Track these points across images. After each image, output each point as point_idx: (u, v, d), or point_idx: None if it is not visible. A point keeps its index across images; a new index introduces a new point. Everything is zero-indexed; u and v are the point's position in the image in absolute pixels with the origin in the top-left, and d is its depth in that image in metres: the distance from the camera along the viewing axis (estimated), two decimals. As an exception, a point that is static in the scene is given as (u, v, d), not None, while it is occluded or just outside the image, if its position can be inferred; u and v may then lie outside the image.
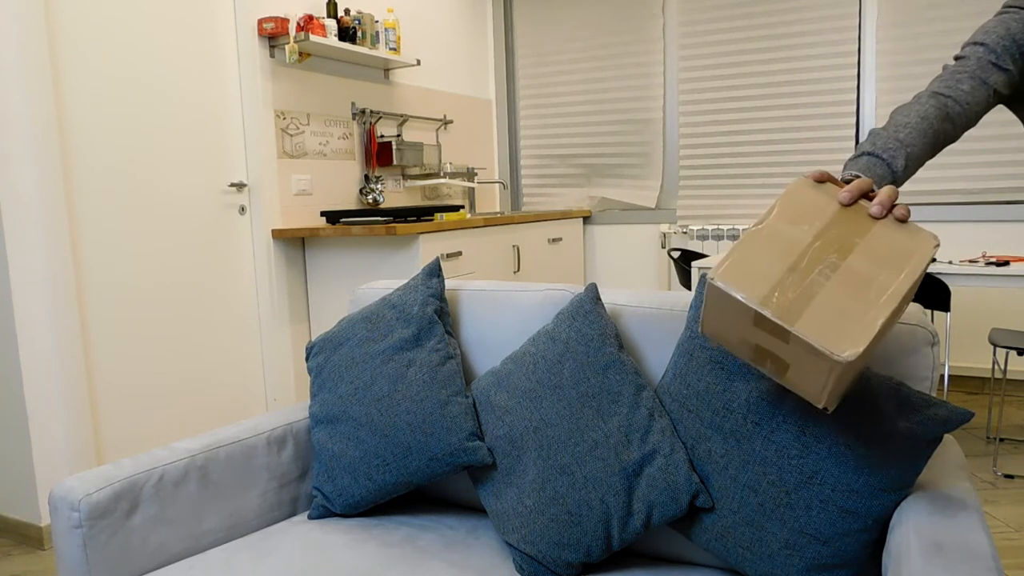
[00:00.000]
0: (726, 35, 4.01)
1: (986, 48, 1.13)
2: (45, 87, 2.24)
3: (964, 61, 1.15)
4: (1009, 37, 1.13)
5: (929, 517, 0.95)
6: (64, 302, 2.31)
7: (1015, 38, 1.13)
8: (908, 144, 1.06)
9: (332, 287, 3.12)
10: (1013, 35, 1.13)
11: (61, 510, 1.17)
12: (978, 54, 1.14)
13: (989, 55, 1.13)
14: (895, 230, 0.90)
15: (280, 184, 3.07)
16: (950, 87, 1.12)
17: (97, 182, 2.46)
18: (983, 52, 1.13)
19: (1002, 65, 1.13)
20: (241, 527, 1.38)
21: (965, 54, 1.15)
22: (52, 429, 2.30)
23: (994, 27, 1.15)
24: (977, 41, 1.15)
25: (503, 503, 1.22)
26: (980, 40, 1.14)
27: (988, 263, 2.59)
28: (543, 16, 4.51)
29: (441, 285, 1.46)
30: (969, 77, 1.12)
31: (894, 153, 1.05)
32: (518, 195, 4.79)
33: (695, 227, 4.13)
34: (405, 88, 3.83)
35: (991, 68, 1.13)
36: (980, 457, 2.81)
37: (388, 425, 1.31)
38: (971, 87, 1.12)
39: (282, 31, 2.93)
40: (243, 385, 3.02)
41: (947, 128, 1.10)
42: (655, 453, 1.13)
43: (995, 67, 1.13)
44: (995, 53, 1.12)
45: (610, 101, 4.39)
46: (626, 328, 1.30)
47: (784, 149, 3.93)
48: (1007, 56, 1.13)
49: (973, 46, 1.15)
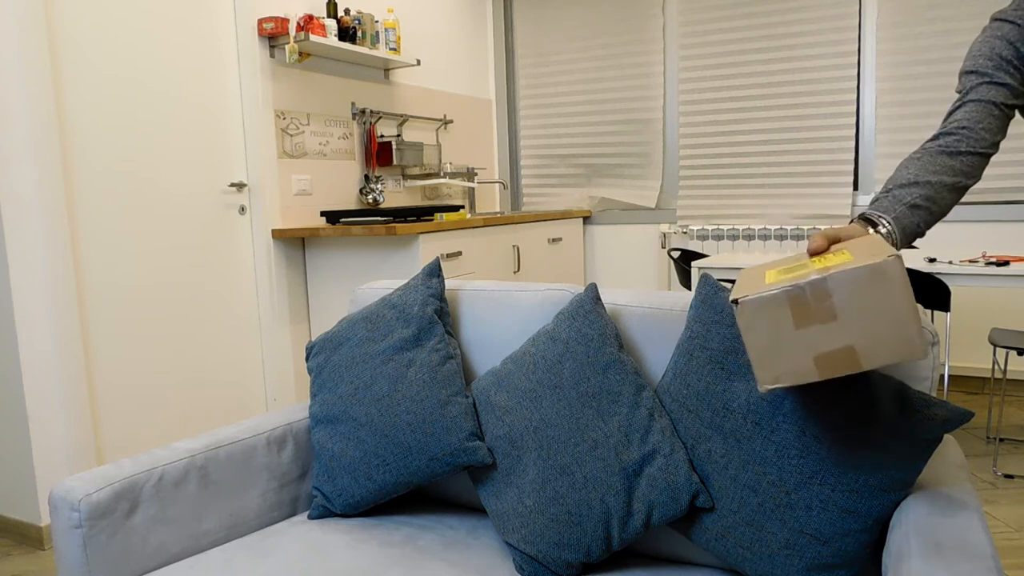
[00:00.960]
0: (726, 35, 4.01)
1: (976, 74, 1.15)
2: (45, 87, 2.24)
3: (960, 96, 1.17)
4: (995, 56, 1.14)
5: (929, 517, 0.96)
6: (64, 302, 2.31)
7: (1000, 54, 1.14)
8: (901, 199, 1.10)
9: (332, 287, 3.12)
10: (998, 52, 1.14)
11: (61, 510, 1.17)
12: (971, 82, 1.16)
13: (981, 79, 1.15)
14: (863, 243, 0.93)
15: (280, 184, 3.07)
16: (947, 124, 1.15)
17: (97, 182, 2.46)
18: (975, 79, 1.15)
19: (998, 81, 1.14)
20: (241, 527, 1.38)
21: (960, 86, 1.18)
22: (52, 429, 2.30)
23: (979, 50, 1.17)
24: (968, 70, 1.17)
25: (503, 503, 1.22)
26: (970, 68, 1.17)
27: (988, 263, 2.59)
28: (543, 16, 4.51)
29: (441, 285, 1.46)
30: (963, 104, 1.15)
31: (886, 209, 1.09)
32: (518, 195, 4.79)
33: (695, 227, 4.13)
34: (405, 88, 3.83)
35: (986, 88, 1.14)
36: (980, 457, 2.81)
37: (388, 425, 1.31)
38: (967, 111, 1.14)
39: (282, 31, 2.93)
40: (243, 385, 3.02)
41: (952, 164, 1.12)
42: (655, 453, 1.13)
43: (990, 85, 1.14)
44: (986, 75, 1.14)
45: (610, 101, 4.39)
46: (626, 328, 1.30)
47: (784, 149, 3.93)
48: (1000, 72, 1.14)
49: (966, 75, 1.17)
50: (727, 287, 1.20)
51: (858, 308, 0.80)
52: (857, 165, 3.83)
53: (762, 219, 4.02)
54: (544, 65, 4.55)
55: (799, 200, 3.92)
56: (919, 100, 3.62)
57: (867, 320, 0.81)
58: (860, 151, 3.82)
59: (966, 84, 1.16)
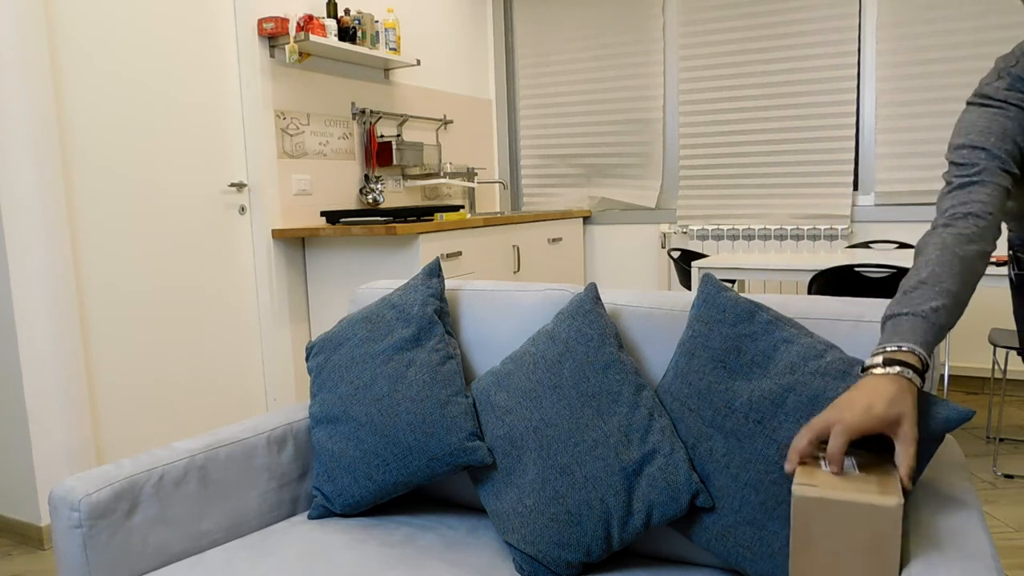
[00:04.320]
0: (726, 35, 4.01)
1: (988, 153, 1.07)
2: (45, 87, 2.24)
3: (966, 169, 1.08)
4: (1009, 140, 1.08)
5: (929, 517, 0.95)
6: (64, 302, 2.31)
7: (1014, 139, 1.08)
8: (936, 283, 0.98)
9: (332, 287, 3.12)
10: (1012, 136, 1.08)
11: (61, 510, 1.17)
12: (982, 162, 1.07)
13: (994, 161, 1.07)
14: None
15: (280, 184, 3.07)
16: (966, 203, 1.05)
17: (97, 182, 2.46)
18: (986, 158, 1.07)
19: (1009, 170, 1.07)
20: (241, 527, 1.37)
21: (964, 160, 1.09)
22: (52, 429, 2.30)
23: (987, 126, 1.09)
24: (976, 145, 1.08)
25: (503, 503, 1.22)
26: (978, 144, 1.08)
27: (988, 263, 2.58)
28: (543, 16, 4.51)
29: (441, 285, 1.46)
30: (982, 186, 1.06)
31: (924, 300, 0.97)
32: (518, 195, 4.79)
33: (695, 227, 4.13)
34: (405, 88, 3.83)
35: (1000, 173, 1.07)
36: (980, 457, 2.81)
37: (388, 425, 1.31)
38: (987, 194, 1.05)
39: (282, 31, 2.93)
40: (243, 385, 3.02)
41: (974, 249, 1.02)
42: (655, 453, 1.13)
43: (1004, 172, 1.07)
44: (1000, 159, 1.07)
45: (610, 101, 4.39)
46: (626, 328, 1.30)
47: (784, 149, 3.93)
48: (1011, 160, 1.08)
49: (972, 150, 1.08)
50: (728, 287, 1.20)
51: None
52: (857, 165, 3.83)
53: (762, 219, 4.02)
54: (544, 65, 4.55)
55: (799, 200, 3.92)
56: (919, 100, 3.62)
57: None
58: (860, 151, 3.82)
59: (975, 161, 1.07)
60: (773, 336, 1.11)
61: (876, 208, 3.76)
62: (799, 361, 1.08)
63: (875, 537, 0.81)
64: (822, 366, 1.06)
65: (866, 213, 3.78)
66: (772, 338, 1.11)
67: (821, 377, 1.05)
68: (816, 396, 1.04)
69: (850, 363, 1.06)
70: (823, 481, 0.85)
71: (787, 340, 1.11)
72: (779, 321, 1.14)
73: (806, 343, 1.10)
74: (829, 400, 1.04)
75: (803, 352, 1.09)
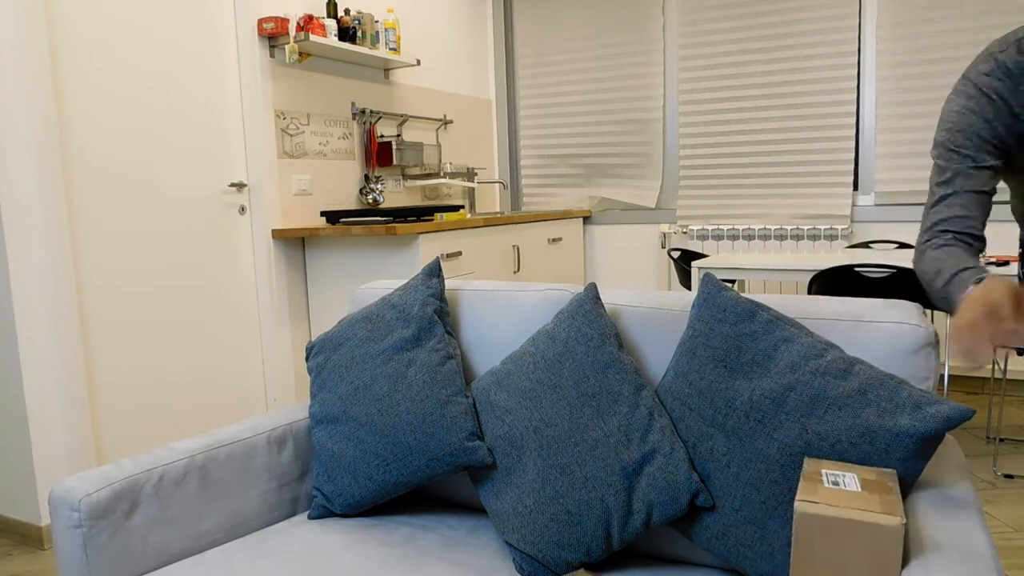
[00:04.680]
0: (726, 35, 4.01)
1: (958, 155, 1.20)
2: (45, 86, 2.24)
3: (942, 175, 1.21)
4: (975, 136, 1.19)
5: (929, 517, 0.95)
6: (64, 302, 2.31)
7: (979, 134, 1.19)
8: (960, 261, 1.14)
9: (332, 287, 3.12)
10: (977, 132, 1.19)
11: (61, 510, 1.17)
12: (954, 164, 1.20)
13: (966, 162, 1.20)
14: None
15: (280, 184, 3.07)
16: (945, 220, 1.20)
17: (97, 182, 2.46)
18: (959, 160, 1.20)
19: (982, 164, 1.19)
20: (241, 527, 1.37)
21: (941, 160, 1.22)
22: (52, 429, 2.30)
23: (960, 119, 1.21)
24: (948, 146, 1.21)
25: (503, 503, 1.22)
26: (950, 145, 1.21)
27: (988, 263, 2.59)
28: (543, 16, 4.51)
29: (441, 285, 1.46)
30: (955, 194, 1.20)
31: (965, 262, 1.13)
32: (518, 195, 4.79)
33: (695, 227, 4.13)
34: (405, 88, 3.83)
35: (974, 174, 1.20)
36: (980, 457, 2.81)
37: (388, 425, 1.31)
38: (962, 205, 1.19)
39: (282, 31, 2.93)
40: (243, 385, 3.02)
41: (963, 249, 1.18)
42: (655, 452, 1.13)
43: (978, 169, 1.20)
44: (971, 158, 1.20)
45: (610, 101, 4.39)
46: (626, 328, 1.30)
47: (784, 149, 3.93)
48: (983, 154, 1.19)
49: (946, 151, 1.21)
50: (728, 287, 1.20)
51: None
52: (857, 165, 3.83)
53: (762, 219, 4.02)
54: (544, 65, 4.55)
55: (799, 200, 3.92)
56: (919, 100, 3.62)
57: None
58: (860, 151, 3.82)
59: (950, 163, 1.21)
60: (773, 335, 1.12)
61: (876, 208, 3.76)
62: (799, 360, 1.08)
63: (876, 556, 0.81)
64: (822, 365, 1.06)
65: (866, 213, 3.78)
66: (772, 337, 1.11)
67: (821, 376, 1.05)
68: (816, 395, 1.04)
69: (850, 363, 1.06)
70: (826, 498, 0.86)
71: (787, 339, 1.11)
72: (779, 321, 1.14)
73: (806, 343, 1.10)
74: (829, 399, 1.04)
75: (803, 351, 1.09)
